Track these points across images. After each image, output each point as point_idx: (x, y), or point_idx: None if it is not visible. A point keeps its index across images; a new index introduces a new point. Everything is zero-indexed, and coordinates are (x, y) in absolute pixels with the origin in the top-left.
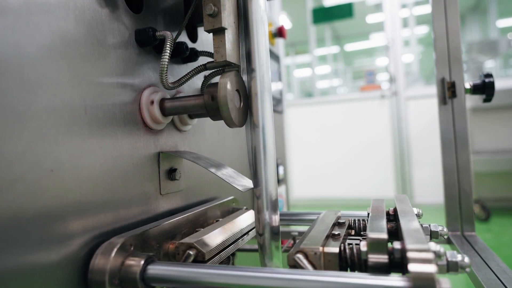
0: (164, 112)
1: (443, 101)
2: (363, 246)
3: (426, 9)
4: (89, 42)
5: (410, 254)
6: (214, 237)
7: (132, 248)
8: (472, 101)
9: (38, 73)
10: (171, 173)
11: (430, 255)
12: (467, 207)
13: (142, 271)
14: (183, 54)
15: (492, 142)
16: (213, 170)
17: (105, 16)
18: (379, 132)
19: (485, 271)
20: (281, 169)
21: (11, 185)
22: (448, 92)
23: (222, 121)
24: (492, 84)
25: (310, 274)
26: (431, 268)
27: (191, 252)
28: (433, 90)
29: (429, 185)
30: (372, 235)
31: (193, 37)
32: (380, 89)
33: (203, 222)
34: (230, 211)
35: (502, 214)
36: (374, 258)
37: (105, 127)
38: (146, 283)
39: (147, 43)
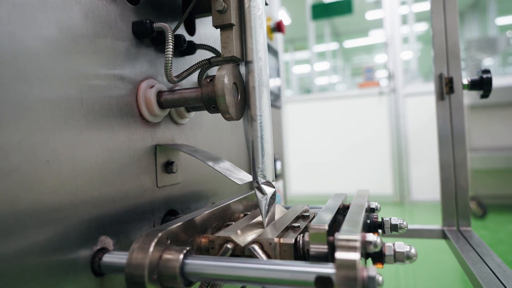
0: (161, 104)
1: (440, 96)
2: (307, 237)
3: (425, 6)
4: (86, 33)
5: (338, 243)
6: (249, 231)
7: (168, 242)
8: (470, 98)
9: (34, 64)
10: (168, 166)
11: (355, 244)
12: (463, 202)
13: (182, 265)
14: (180, 47)
15: (489, 140)
16: (210, 163)
17: (102, 8)
18: (377, 128)
19: (480, 266)
20: (278, 164)
21: (7, 175)
22: (446, 87)
23: (219, 116)
24: (489, 80)
25: (243, 262)
26: (354, 256)
27: (229, 246)
28: (431, 87)
29: (427, 182)
30: (313, 226)
31: (191, 30)
32: (379, 86)
33: (230, 216)
34: (254, 205)
35: (499, 211)
36: (315, 248)
37: (102, 119)
38: (186, 278)
39: (144, 35)
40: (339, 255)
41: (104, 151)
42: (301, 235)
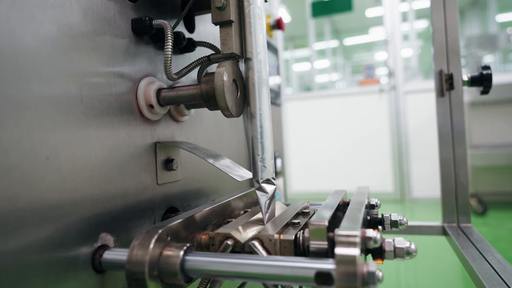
0: (161, 102)
1: (440, 93)
2: (307, 233)
3: (425, 3)
4: (85, 31)
5: (338, 239)
6: (249, 227)
7: (169, 238)
8: (470, 95)
9: (33, 61)
10: (168, 163)
11: (355, 239)
12: (463, 199)
13: (182, 262)
14: (180, 44)
15: (490, 137)
16: (210, 160)
17: (101, 5)
18: (378, 126)
19: (480, 262)
20: (278, 161)
21: (7, 172)
22: (446, 84)
23: (219, 113)
24: (489, 76)
25: (243, 258)
26: (354, 251)
27: (229, 242)
28: (431, 84)
29: (427, 179)
30: (313, 222)
31: (190, 27)
32: (379, 83)
33: (230, 213)
34: (254, 202)
35: (499, 208)
36: (315, 244)
37: (102, 117)
38: (186, 275)
39: (143, 33)
40: (339, 250)
41: (104, 148)
42: (301, 231)
